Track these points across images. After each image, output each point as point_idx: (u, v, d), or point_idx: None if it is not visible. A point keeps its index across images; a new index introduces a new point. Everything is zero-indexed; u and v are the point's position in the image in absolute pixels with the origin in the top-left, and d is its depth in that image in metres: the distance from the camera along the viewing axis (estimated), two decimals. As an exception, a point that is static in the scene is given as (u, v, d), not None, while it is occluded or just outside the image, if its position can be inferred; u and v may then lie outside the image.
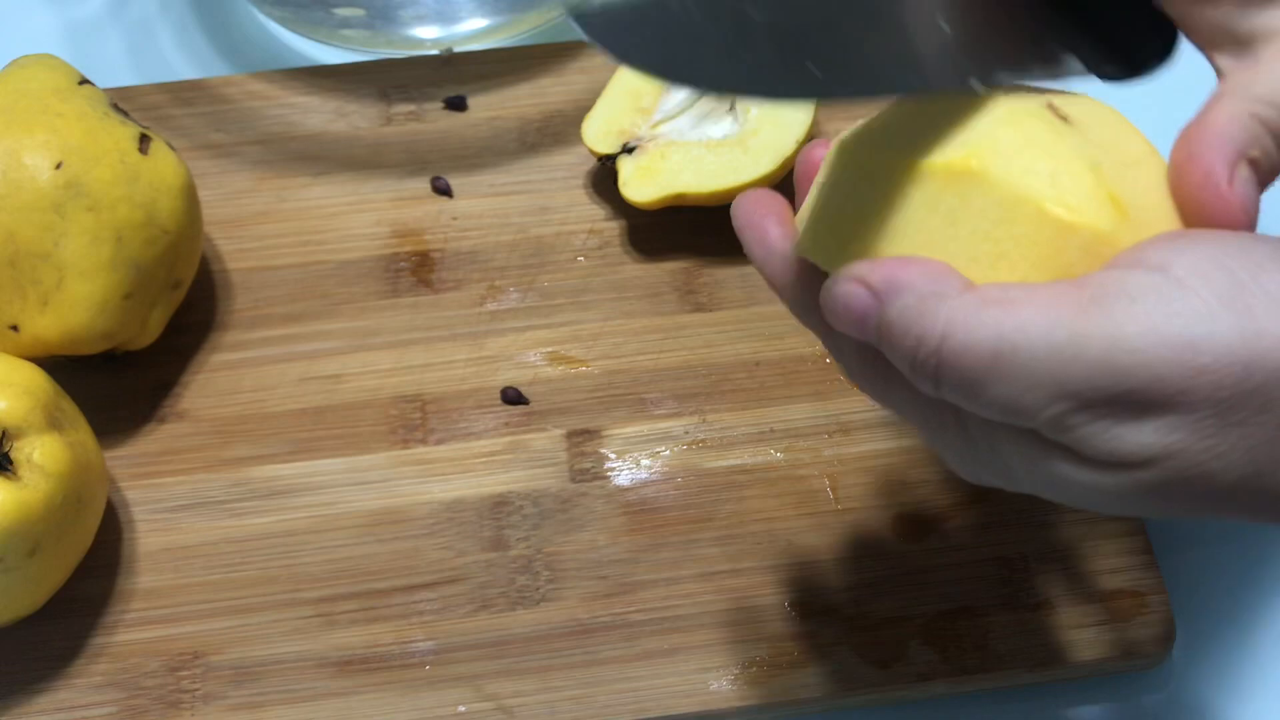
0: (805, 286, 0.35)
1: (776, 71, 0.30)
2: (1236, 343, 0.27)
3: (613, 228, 0.57)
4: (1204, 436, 0.28)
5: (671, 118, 0.56)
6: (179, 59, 0.65)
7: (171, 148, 0.52)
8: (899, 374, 0.32)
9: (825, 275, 0.33)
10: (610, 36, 0.29)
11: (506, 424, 0.52)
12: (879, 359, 0.33)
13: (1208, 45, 0.34)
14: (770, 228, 0.36)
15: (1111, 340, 0.28)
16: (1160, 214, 0.32)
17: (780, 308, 0.54)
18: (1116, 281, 0.29)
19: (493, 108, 0.61)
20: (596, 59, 0.62)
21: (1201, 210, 0.31)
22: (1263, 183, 0.32)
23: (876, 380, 0.34)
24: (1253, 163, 0.32)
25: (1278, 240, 0.30)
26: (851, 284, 0.31)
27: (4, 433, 0.45)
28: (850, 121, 0.36)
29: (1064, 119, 0.33)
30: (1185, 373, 0.28)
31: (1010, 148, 0.32)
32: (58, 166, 0.48)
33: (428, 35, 0.63)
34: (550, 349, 0.54)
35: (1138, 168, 0.33)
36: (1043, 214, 0.31)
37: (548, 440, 0.52)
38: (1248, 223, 0.31)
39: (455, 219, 0.58)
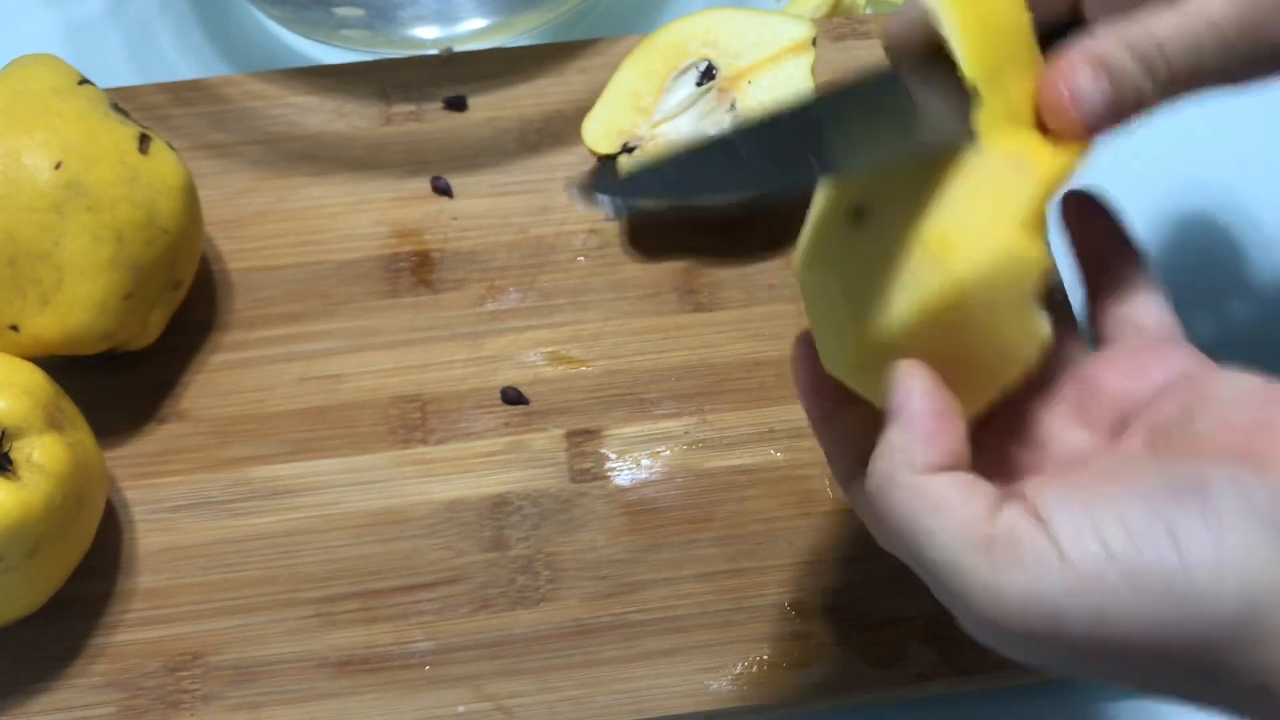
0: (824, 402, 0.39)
1: (769, 172, 0.33)
2: (1088, 624, 0.30)
3: (613, 228, 0.57)
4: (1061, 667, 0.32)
5: (671, 118, 0.56)
6: (179, 59, 0.65)
7: (171, 148, 0.52)
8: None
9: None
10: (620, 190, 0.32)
11: (506, 424, 0.52)
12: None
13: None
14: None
15: (988, 586, 0.31)
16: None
17: (780, 307, 0.55)
18: (1009, 528, 0.31)
19: (493, 108, 0.61)
20: (596, 59, 0.62)
21: (1043, 103, 0.35)
22: (1118, 96, 0.35)
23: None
24: (1106, 69, 0.34)
25: (1170, 480, 0.31)
26: (899, 382, 0.34)
27: (4, 433, 0.45)
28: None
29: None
30: (1048, 634, 0.31)
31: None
32: (57, 166, 0.48)
33: (427, 35, 0.63)
34: (550, 349, 0.54)
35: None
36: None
37: (548, 440, 0.52)
38: (1076, 112, 0.34)
39: (455, 219, 0.58)
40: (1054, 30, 0.38)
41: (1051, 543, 0.31)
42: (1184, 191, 0.59)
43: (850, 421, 0.38)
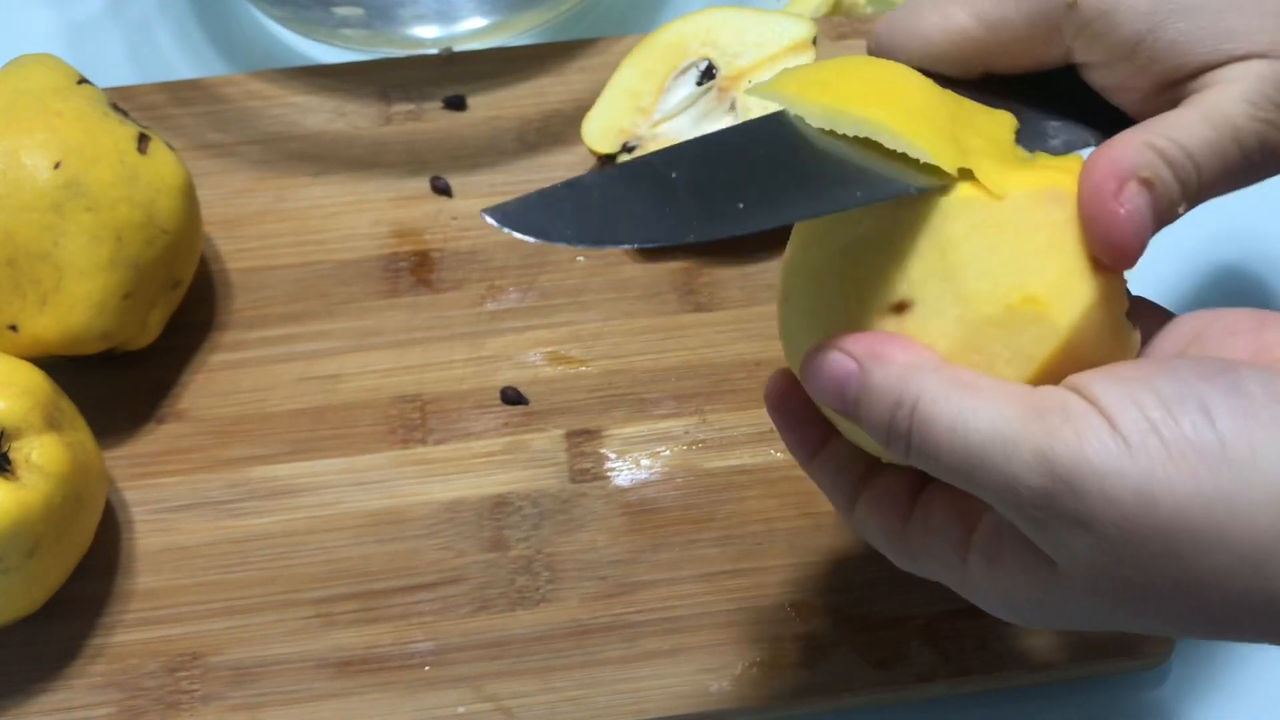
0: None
1: (699, 218, 0.33)
2: (1133, 490, 0.30)
3: (612, 227, 0.57)
4: (1111, 557, 0.31)
5: (671, 117, 0.56)
6: (179, 59, 0.65)
7: (171, 147, 0.52)
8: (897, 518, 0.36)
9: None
10: (522, 220, 0.33)
11: (506, 424, 0.52)
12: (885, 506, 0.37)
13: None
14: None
15: (1040, 451, 0.30)
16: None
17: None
18: (1059, 400, 0.31)
19: (493, 107, 0.61)
20: (596, 59, 0.62)
21: (1092, 225, 0.34)
22: (1159, 211, 0.34)
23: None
24: (1145, 183, 0.34)
25: (1201, 365, 0.31)
26: (835, 352, 0.34)
27: (3, 433, 0.45)
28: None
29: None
30: (1097, 499, 0.30)
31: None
32: (57, 166, 0.48)
33: (427, 35, 0.63)
34: (550, 349, 0.54)
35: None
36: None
37: (547, 440, 0.52)
38: (1133, 234, 0.33)
39: (455, 219, 0.58)
40: (1037, 75, 0.38)
41: (1102, 415, 0.30)
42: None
43: (842, 451, 0.38)
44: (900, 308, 0.34)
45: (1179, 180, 0.34)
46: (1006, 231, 0.34)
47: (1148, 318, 0.36)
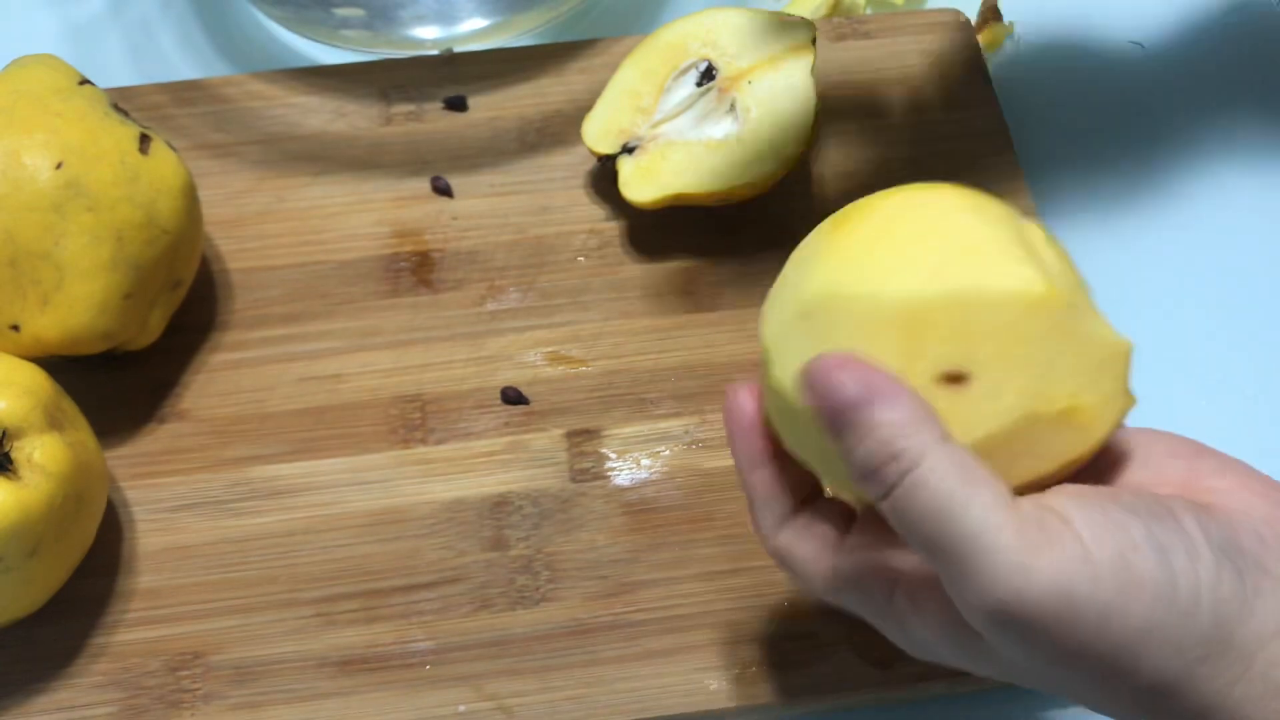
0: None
1: None
2: (1097, 613, 0.31)
3: (613, 228, 0.57)
4: (1047, 660, 0.33)
5: (671, 118, 0.56)
6: (179, 59, 0.65)
7: (172, 148, 0.52)
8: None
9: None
10: None
11: (506, 424, 0.52)
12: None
13: None
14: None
15: (1021, 564, 0.31)
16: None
17: (780, 308, 0.55)
18: (1038, 517, 0.32)
19: (493, 108, 0.61)
20: (596, 59, 0.62)
21: None
22: None
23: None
24: None
25: (1149, 504, 0.33)
26: (850, 373, 0.33)
27: (4, 433, 0.45)
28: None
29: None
30: (1062, 623, 0.31)
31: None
32: (58, 166, 0.48)
33: (428, 35, 0.63)
34: (550, 349, 0.54)
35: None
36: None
37: (548, 440, 0.52)
38: None
39: (455, 219, 0.58)
40: None
41: (1076, 537, 0.31)
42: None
43: (792, 473, 0.38)
44: (956, 378, 0.34)
45: None
46: (1074, 340, 0.34)
47: None
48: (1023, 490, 0.34)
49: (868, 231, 0.36)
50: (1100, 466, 0.36)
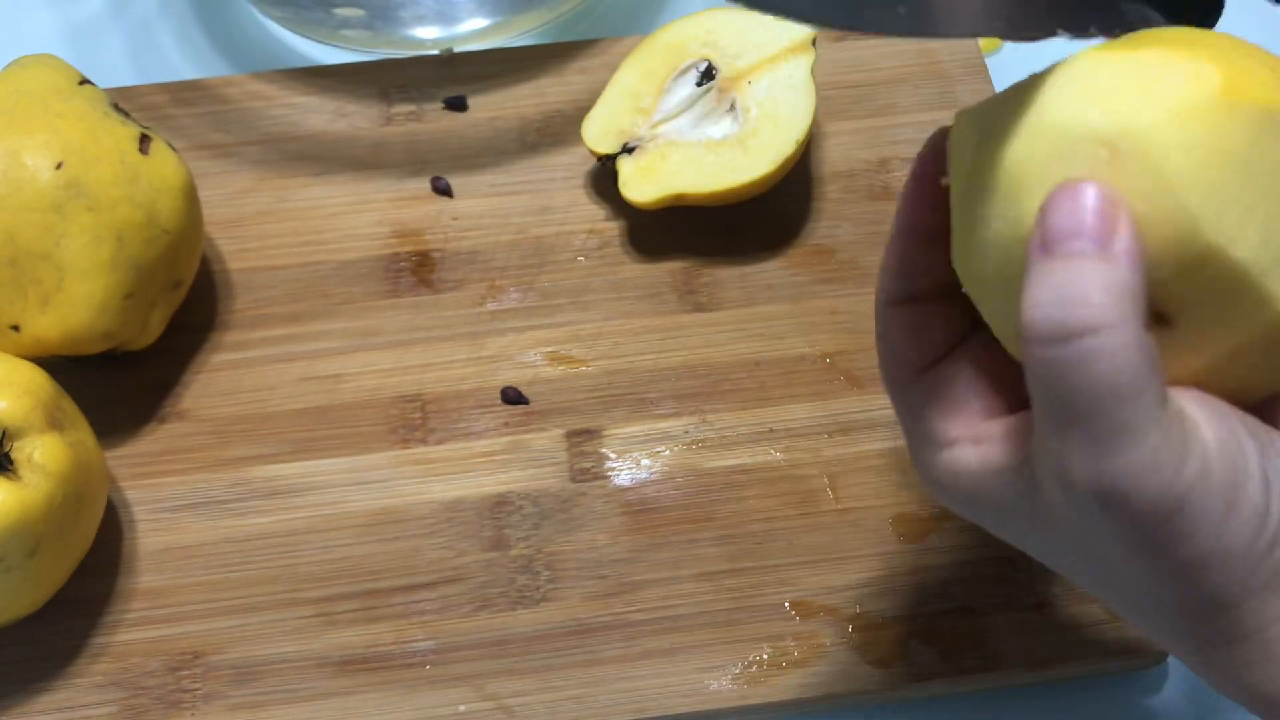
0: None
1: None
2: (1200, 524, 0.31)
3: (613, 228, 0.57)
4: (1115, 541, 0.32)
5: (671, 118, 0.56)
6: (179, 59, 0.65)
7: (172, 148, 0.52)
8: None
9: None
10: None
11: (506, 424, 0.52)
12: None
13: None
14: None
15: (1155, 471, 0.31)
16: None
17: (780, 307, 0.55)
18: (1181, 426, 0.31)
19: (493, 108, 0.61)
20: (596, 59, 0.62)
21: None
22: None
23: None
24: None
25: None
26: (1106, 209, 0.31)
27: (4, 432, 0.45)
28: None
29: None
30: (1169, 521, 0.31)
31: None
32: (58, 166, 0.48)
33: (428, 35, 0.63)
34: (550, 349, 0.54)
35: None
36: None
37: (548, 440, 0.52)
38: None
39: (455, 219, 0.58)
40: None
41: (1203, 452, 0.31)
42: None
43: (937, 311, 0.37)
44: (1161, 319, 0.32)
45: None
46: None
47: None
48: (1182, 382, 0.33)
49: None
50: None
